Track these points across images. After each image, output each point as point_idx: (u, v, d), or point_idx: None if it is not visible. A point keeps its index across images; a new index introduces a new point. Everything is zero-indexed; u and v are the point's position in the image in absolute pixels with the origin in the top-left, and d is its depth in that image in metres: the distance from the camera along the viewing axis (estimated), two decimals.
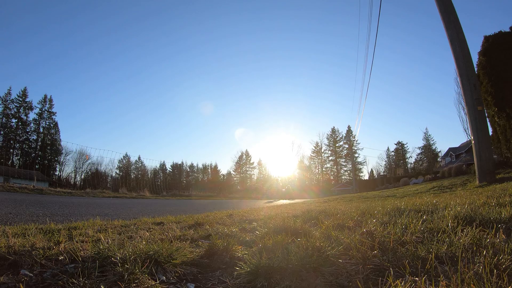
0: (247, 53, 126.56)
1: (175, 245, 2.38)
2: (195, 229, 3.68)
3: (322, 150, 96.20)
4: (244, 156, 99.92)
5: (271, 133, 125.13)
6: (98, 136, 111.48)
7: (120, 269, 1.73)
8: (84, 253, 2.12)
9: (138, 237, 2.91)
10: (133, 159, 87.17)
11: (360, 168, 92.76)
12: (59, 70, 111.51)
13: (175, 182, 67.50)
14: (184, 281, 1.87)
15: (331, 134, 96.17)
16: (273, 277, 1.75)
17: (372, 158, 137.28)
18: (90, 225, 3.78)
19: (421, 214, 3.48)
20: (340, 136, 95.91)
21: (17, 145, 73.67)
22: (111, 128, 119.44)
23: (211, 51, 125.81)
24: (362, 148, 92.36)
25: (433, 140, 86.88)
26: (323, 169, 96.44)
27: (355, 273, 1.79)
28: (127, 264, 1.78)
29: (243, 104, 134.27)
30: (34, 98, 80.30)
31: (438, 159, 78.18)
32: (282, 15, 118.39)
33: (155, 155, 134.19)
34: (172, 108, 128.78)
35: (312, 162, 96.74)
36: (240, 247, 2.50)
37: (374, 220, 3.27)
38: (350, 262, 1.97)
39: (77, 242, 2.49)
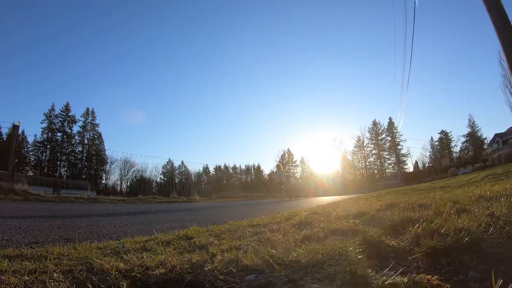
0: (284, 54, 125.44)
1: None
2: (305, 227, 3.29)
3: (364, 144, 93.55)
4: (286, 155, 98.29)
5: (313, 130, 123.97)
6: (142, 143, 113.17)
7: None
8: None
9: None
10: (176, 164, 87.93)
11: (404, 160, 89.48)
12: (98, 82, 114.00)
13: (219, 184, 67.15)
14: None
15: (372, 127, 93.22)
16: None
17: (416, 149, 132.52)
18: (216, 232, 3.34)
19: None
20: (382, 129, 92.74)
21: (64, 157, 77.17)
22: (154, 135, 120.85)
23: (248, 53, 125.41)
24: (405, 140, 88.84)
25: (477, 127, 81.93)
26: (367, 164, 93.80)
27: None
28: None
29: (283, 103, 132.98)
30: (77, 111, 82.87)
31: (484, 147, 74.44)
32: (312, 13, 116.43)
33: (198, 158, 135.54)
34: (214, 112, 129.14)
35: (354, 157, 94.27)
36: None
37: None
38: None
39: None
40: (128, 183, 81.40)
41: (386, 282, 1.43)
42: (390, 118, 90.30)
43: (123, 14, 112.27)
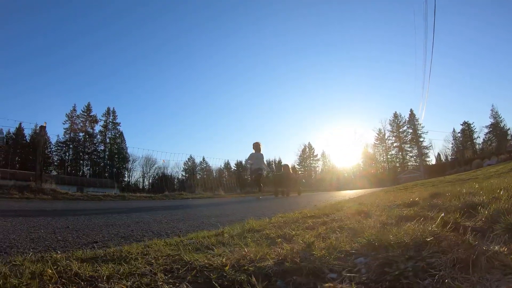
0: (304, 48, 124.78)
1: None
2: (368, 216, 3.17)
3: (386, 137, 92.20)
4: (307, 149, 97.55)
5: (333, 124, 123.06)
6: (163, 140, 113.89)
7: None
8: None
9: None
10: (197, 160, 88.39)
11: (427, 153, 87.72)
12: (118, 81, 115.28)
13: (240, 180, 67.10)
14: None
15: (393, 120, 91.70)
16: None
17: (438, 141, 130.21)
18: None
19: None
20: (403, 121, 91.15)
21: (86, 156, 79.06)
22: (175, 132, 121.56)
23: (269, 48, 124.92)
24: (427, 132, 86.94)
25: (500, 118, 79.89)
26: (388, 157, 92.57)
27: None
28: None
29: (303, 97, 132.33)
30: (98, 111, 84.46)
31: (508, 137, 72.74)
32: (329, 6, 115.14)
33: (219, 154, 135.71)
34: (234, 108, 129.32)
35: (376, 150, 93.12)
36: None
37: None
38: None
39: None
40: (150, 180, 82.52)
41: (492, 250, 1.48)
42: (411, 110, 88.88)
43: (141, 13, 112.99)
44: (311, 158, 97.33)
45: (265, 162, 16.17)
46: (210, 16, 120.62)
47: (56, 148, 78.03)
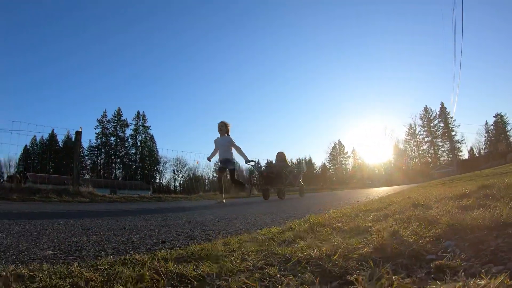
0: (332, 44, 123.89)
1: None
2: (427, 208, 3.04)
3: (417, 132, 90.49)
4: (337, 146, 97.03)
5: (363, 120, 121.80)
6: (193, 141, 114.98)
7: None
8: None
9: None
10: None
11: (459, 147, 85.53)
12: (146, 84, 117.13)
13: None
14: None
15: (424, 114, 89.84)
16: None
17: (470, 135, 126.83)
18: None
19: None
20: (434, 115, 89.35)
21: (118, 159, 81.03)
22: (204, 132, 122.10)
23: (298, 45, 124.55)
24: (459, 125, 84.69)
25: None
26: (420, 152, 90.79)
27: None
28: None
29: (332, 94, 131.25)
30: (128, 115, 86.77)
31: None
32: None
33: (250, 154, 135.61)
34: (262, 107, 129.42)
35: (407, 145, 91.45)
36: None
37: None
38: None
39: None
40: (181, 182, 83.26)
41: None
42: (441, 103, 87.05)
43: (166, 13, 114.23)
44: (341, 156, 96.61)
45: (241, 149, 10.12)
46: (235, 15, 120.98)
47: (88, 152, 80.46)
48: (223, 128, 10.09)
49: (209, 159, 11.13)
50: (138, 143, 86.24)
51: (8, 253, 2.00)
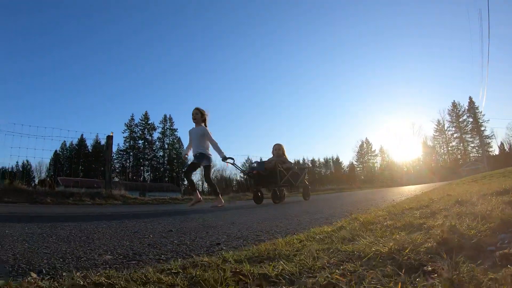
0: (359, 40, 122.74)
1: None
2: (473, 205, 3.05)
3: (445, 128, 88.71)
4: (364, 145, 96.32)
5: (390, 118, 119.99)
6: (219, 142, 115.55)
7: None
8: None
9: None
10: (254, 160, 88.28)
11: (489, 143, 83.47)
12: (172, 87, 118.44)
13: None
14: None
15: (452, 109, 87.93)
16: None
17: (500, 129, 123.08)
18: None
19: None
20: (463, 110, 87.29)
21: (146, 162, 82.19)
22: (230, 132, 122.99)
23: (321, 41, 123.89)
24: (488, 120, 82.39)
25: None
26: (449, 148, 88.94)
27: None
28: None
29: (359, 91, 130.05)
30: (155, 119, 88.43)
31: None
32: None
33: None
34: (289, 106, 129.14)
35: (436, 142, 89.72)
36: None
37: None
38: None
39: None
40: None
41: None
42: (470, 98, 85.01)
43: (190, 12, 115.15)
44: (369, 154, 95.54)
45: (216, 144, 8.29)
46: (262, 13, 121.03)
47: (117, 156, 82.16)
48: (197, 116, 8.31)
49: (184, 156, 9.15)
50: (166, 146, 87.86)
51: (67, 259, 1.93)
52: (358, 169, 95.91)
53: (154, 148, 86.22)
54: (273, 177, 9.45)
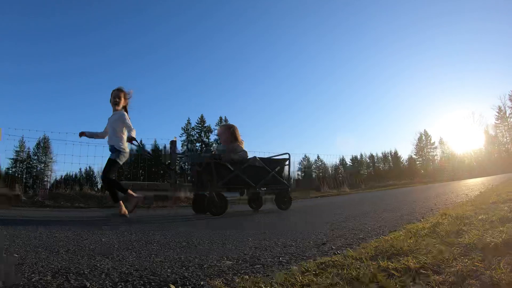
0: (408, 28, 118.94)
1: None
2: None
3: (507, 115, 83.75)
4: (423, 137, 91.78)
5: (449, 107, 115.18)
6: (274, 139, 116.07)
7: None
8: None
9: None
10: (312, 158, 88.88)
11: None
12: (226, 88, 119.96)
13: (357, 175, 65.91)
14: None
15: None
16: None
17: None
18: None
19: None
20: None
21: None
22: (286, 131, 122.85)
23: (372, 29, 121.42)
24: None
25: None
26: None
27: None
28: None
29: (414, 80, 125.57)
30: (211, 121, 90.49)
31: None
32: None
33: (332, 150, 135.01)
34: (343, 100, 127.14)
35: (498, 130, 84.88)
36: None
37: None
38: None
39: None
40: None
41: None
42: None
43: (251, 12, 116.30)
44: (428, 147, 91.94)
45: (130, 128, 5.94)
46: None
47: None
48: (116, 98, 6.18)
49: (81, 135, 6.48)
50: None
51: (189, 267, 1.88)
52: (417, 162, 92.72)
53: (212, 150, 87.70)
54: (211, 174, 6.14)
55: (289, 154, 7.14)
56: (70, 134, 15.18)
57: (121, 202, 5.91)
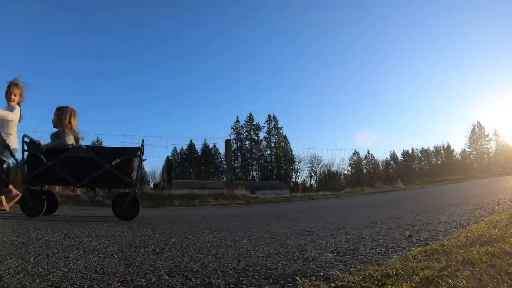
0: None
1: None
2: None
3: None
4: (476, 129, 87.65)
5: (502, 95, 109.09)
6: (325, 136, 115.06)
7: None
8: None
9: None
10: (362, 153, 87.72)
11: None
12: (274, 86, 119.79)
13: (408, 170, 63.77)
14: None
15: None
16: None
17: None
18: None
19: None
20: None
21: (254, 161, 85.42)
22: (336, 126, 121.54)
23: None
24: None
25: None
26: None
27: None
28: None
29: (466, 68, 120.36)
30: (260, 119, 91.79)
31: None
32: None
33: (382, 145, 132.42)
34: (394, 96, 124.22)
35: None
36: None
37: None
38: None
39: None
40: (317, 179, 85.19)
41: None
42: None
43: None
44: (482, 139, 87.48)
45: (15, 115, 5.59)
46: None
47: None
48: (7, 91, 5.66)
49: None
50: (272, 145, 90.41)
51: (294, 261, 1.95)
52: (471, 156, 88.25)
53: (261, 148, 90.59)
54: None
55: (143, 140, 5.23)
56: None
57: (2, 197, 5.57)
